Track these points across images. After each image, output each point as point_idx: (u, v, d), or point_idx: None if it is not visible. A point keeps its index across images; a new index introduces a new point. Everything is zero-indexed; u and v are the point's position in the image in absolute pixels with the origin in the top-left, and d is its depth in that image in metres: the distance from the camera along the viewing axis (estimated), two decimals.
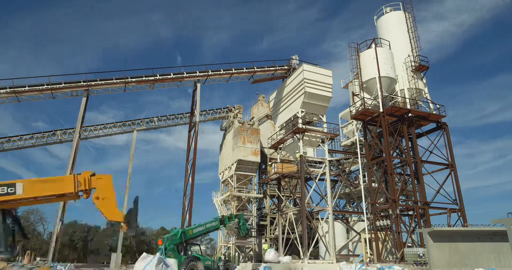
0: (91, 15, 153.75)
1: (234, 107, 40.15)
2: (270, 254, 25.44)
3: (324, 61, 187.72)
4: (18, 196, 9.21)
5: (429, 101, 30.58)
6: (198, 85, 35.70)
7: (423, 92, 30.63)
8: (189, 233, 20.73)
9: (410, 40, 31.28)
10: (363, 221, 28.32)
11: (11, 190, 9.03)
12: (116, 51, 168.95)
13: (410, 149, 28.93)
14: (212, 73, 35.91)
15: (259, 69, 37.24)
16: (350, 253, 29.73)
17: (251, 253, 34.17)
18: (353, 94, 32.78)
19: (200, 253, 21.18)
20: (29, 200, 9.54)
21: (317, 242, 29.58)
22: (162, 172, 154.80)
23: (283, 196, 33.80)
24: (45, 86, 31.33)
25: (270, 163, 36.45)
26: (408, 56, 30.66)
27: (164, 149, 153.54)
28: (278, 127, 35.02)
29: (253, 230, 29.12)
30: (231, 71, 36.57)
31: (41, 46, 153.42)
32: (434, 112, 29.42)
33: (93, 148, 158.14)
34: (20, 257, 30.40)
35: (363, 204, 28.33)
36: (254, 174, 35.89)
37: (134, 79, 33.94)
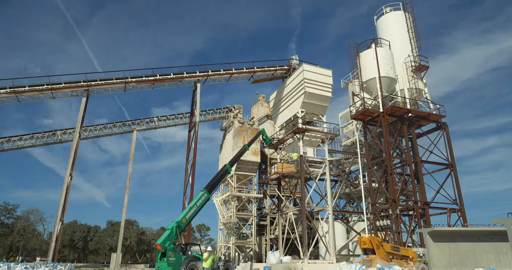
0: None
1: (234, 107, 40.11)
2: (273, 256, 25.54)
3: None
4: None
5: (429, 101, 30.58)
6: (198, 85, 35.70)
7: (423, 92, 30.62)
8: (183, 221, 20.71)
9: (410, 40, 31.27)
10: (363, 221, 28.32)
11: None
12: None
13: (410, 149, 28.93)
14: (212, 73, 35.92)
15: (259, 69, 37.24)
16: (350, 253, 29.73)
17: (251, 253, 34.14)
18: (353, 94, 32.77)
19: (200, 253, 21.18)
20: None
21: (317, 242, 29.58)
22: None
23: (283, 196, 33.79)
24: (45, 86, 31.35)
25: (269, 163, 36.40)
26: (408, 56, 30.65)
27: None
28: (278, 127, 35.02)
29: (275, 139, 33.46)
30: (231, 71, 36.58)
31: None
32: (434, 112, 29.42)
33: (149, 146, 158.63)
34: None
35: (363, 204, 28.33)
36: (254, 174, 35.83)
37: (134, 79, 33.95)
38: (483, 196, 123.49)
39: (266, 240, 35.88)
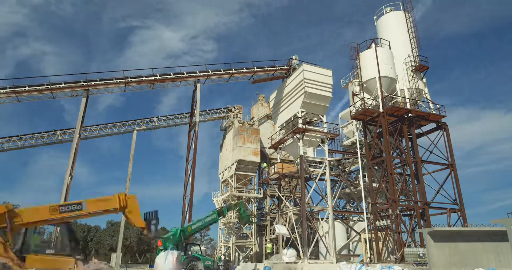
0: None
1: (234, 107, 40.14)
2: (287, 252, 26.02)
3: None
4: (84, 211, 12.44)
5: (429, 101, 30.57)
6: (198, 85, 35.68)
7: (423, 92, 30.61)
8: (188, 230, 20.79)
9: (410, 40, 31.26)
10: (363, 221, 28.32)
11: (79, 207, 12.31)
12: None
13: (410, 149, 28.92)
14: (212, 73, 35.90)
15: (259, 69, 37.23)
16: (350, 253, 29.73)
17: (251, 253, 34.15)
18: (353, 94, 32.76)
19: (200, 253, 21.20)
20: (87, 214, 12.75)
21: (317, 242, 29.58)
22: None
23: (283, 196, 33.79)
24: (45, 86, 31.32)
25: (265, 164, 36.28)
26: (408, 56, 30.64)
27: None
28: (278, 127, 35.02)
29: (253, 216, 29.70)
30: (231, 71, 36.56)
31: None
32: (434, 112, 29.41)
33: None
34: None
35: (363, 204, 28.33)
36: (254, 174, 35.89)
37: (134, 79, 33.93)
38: None
39: (266, 240, 35.90)
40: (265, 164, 32.03)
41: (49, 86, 31.40)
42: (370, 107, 28.74)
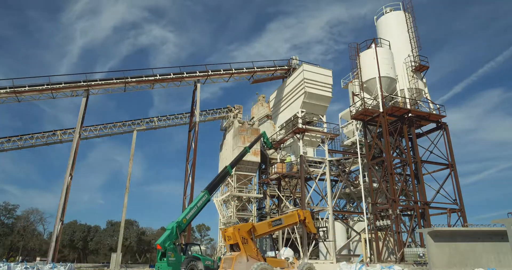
0: None
1: (234, 107, 40.11)
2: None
3: None
4: (283, 224, 17.63)
5: (429, 101, 30.56)
6: (198, 85, 35.70)
7: (423, 92, 30.61)
8: (183, 222, 20.75)
9: (410, 40, 31.26)
10: (363, 221, 28.32)
11: (280, 222, 17.31)
12: None
13: (410, 149, 28.91)
14: (212, 73, 35.92)
15: (259, 69, 37.24)
16: (350, 253, 29.73)
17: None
18: (353, 94, 32.76)
19: (200, 253, 21.20)
20: (283, 226, 18.01)
21: (317, 242, 29.58)
22: None
23: (283, 196, 33.79)
24: (45, 86, 31.35)
25: (289, 159, 36.34)
26: (408, 56, 30.64)
27: None
28: (278, 127, 35.02)
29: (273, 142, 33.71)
30: (231, 71, 36.57)
31: None
32: (434, 112, 29.40)
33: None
34: None
35: (363, 204, 28.32)
36: (254, 174, 35.84)
37: (134, 79, 33.95)
38: None
39: (266, 240, 35.87)
40: (288, 159, 31.69)
41: (49, 86, 31.43)
42: (370, 107, 28.73)
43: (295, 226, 31.15)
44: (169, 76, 34.80)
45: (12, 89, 30.52)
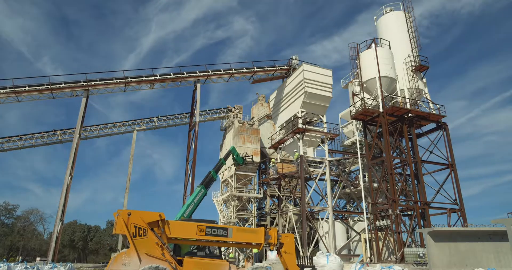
0: None
1: (234, 107, 40.13)
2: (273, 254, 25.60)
3: None
4: (228, 238, 12.02)
5: (429, 101, 30.57)
6: (198, 85, 35.71)
7: (423, 92, 30.61)
8: (182, 219, 20.69)
9: (410, 40, 31.26)
10: (363, 221, 28.32)
11: (225, 233, 12.02)
12: None
13: (410, 149, 28.91)
14: (212, 73, 35.92)
15: (259, 69, 37.25)
16: (350, 253, 29.72)
17: (251, 253, 34.11)
18: (353, 94, 32.76)
19: None
20: (229, 243, 12.37)
21: (317, 242, 29.58)
22: None
23: (283, 196, 33.80)
24: (45, 86, 31.36)
25: (273, 161, 36.36)
26: (408, 56, 30.65)
27: None
28: (278, 127, 35.03)
29: (247, 157, 29.76)
30: (231, 71, 36.58)
31: None
32: (434, 112, 29.40)
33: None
34: None
35: (363, 204, 28.32)
36: (254, 174, 35.85)
37: (134, 79, 33.95)
38: None
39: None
40: (273, 160, 31.90)
41: (49, 86, 31.44)
42: (370, 107, 28.73)
43: (294, 225, 31.42)
44: (169, 76, 34.81)
45: (12, 89, 30.52)
